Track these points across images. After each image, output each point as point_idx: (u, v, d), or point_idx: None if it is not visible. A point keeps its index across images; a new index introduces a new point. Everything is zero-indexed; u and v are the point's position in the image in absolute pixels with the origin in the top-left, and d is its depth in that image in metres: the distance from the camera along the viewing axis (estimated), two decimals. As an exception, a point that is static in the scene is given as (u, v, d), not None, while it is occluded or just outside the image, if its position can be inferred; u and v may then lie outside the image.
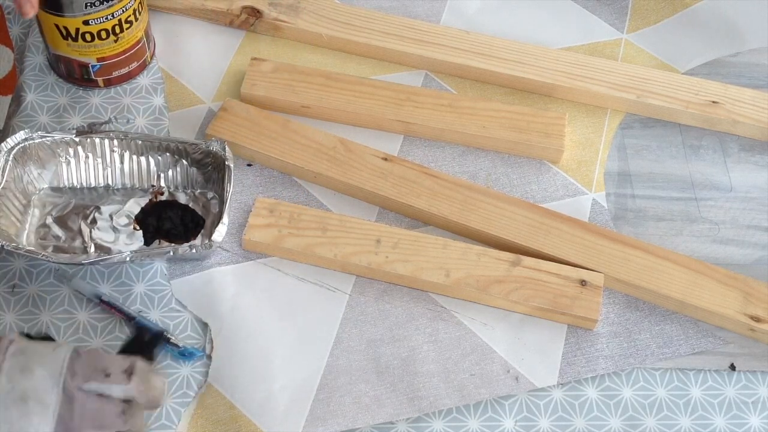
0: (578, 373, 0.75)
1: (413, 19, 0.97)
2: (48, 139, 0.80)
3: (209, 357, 0.74)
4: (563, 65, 0.93)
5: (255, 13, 0.95)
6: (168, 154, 0.82)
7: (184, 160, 0.82)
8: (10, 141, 0.79)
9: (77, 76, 0.89)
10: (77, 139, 0.81)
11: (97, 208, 0.81)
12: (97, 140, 0.81)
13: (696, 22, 1.00)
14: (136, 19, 0.86)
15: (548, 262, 0.79)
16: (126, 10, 0.84)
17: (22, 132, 0.79)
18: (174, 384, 0.73)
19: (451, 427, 0.73)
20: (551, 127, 0.88)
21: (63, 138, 0.80)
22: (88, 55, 0.86)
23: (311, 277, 0.80)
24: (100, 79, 0.89)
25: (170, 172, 0.83)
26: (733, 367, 0.77)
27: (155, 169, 0.83)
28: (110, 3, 0.82)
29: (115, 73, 0.89)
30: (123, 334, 0.76)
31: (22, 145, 0.79)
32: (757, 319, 0.77)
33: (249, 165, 0.86)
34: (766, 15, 1.00)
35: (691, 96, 0.91)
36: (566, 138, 0.88)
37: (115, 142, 0.81)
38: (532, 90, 0.93)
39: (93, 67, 0.87)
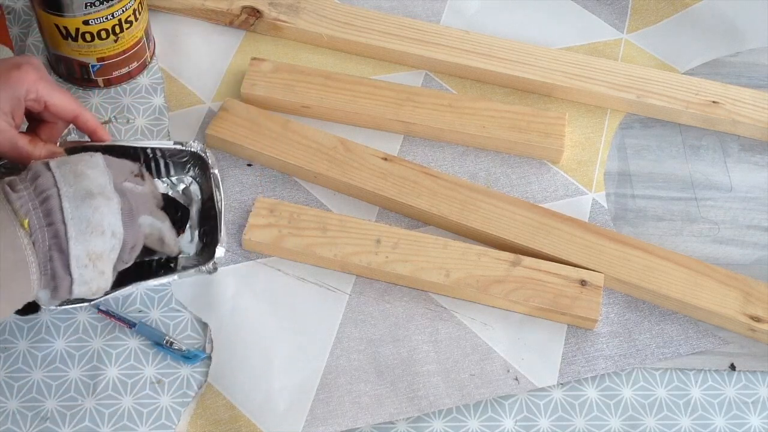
0: (578, 373, 0.75)
1: (413, 19, 0.97)
2: None
3: (209, 357, 0.75)
4: (563, 65, 0.93)
5: (255, 13, 0.95)
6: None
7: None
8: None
9: (77, 76, 0.88)
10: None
11: None
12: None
13: (696, 22, 1.00)
14: (136, 19, 0.86)
15: (548, 262, 0.79)
16: (126, 10, 0.84)
17: None
18: (174, 384, 0.74)
19: (451, 427, 0.73)
20: (551, 127, 0.88)
21: None
22: (88, 55, 0.86)
23: (311, 277, 0.80)
24: (100, 79, 0.89)
25: (167, 179, 0.82)
26: (733, 367, 0.77)
27: None
28: (110, 3, 0.82)
29: (115, 73, 0.89)
30: (123, 334, 0.76)
31: None
32: (757, 319, 0.77)
33: (249, 165, 0.86)
34: (766, 15, 1.00)
35: (691, 96, 0.91)
36: (566, 138, 0.88)
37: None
38: (532, 90, 0.93)
39: (93, 67, 0.87)
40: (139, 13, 0.86)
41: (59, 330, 0.76)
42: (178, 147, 0.79)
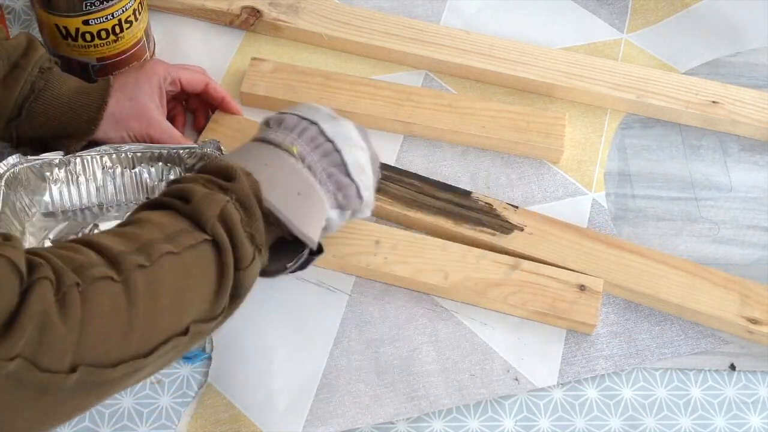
0: (578, 373, 0.75)
1: (413, 19, 0.97)
2: (36, 162, 0.77)
3: (209, 357, 0.75)
4: (563, 65, 0.93)
5: (255, 13, 0.96)
6: (161, 163, 0.81)
7: (177, 168, 0.81)
8: (3, 166, 0.76)
9: (77, 76, 0.88)
10: (66, 160, 0.78)
11: (96, 226, 0.79)
12: (88, 158, 0.79)
13: (696, 22, 0.99)
14: (136, 19, 0.86)
15: (547, 266, 0.78)
16: (126, 10, 0.84)
17: (11, 157, 0.77)
18: (174, 384, 0.74)
19: (451, 427, 0.73)
20: (551, 127, 0.88)
21: (52, 160, 0.78)
22: (88, 55, 0.86)
23: (311, 277, 0.80)
24: (100, 79, 0.89)
25: (164, 183, 0.82)
26: (733, 367, 0.77)
27: (148, 180, 0.81)
28: (110, 3, 0.82)
29: (116, 73, 0.88)
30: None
31: (12, 170, 0.76)
32: (754, 322, 0.76)
33: None
34: (766, 15, 1.00)
35: (691, 96, 0.91)
36: (566, 138, 0.88)
37: (105, 158, 0.79)
38: (532, 90, 0.93)
39: (93, 67, 0.87)
40: (139, 13, 0.86)
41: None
42: (192, 147, 0.80)
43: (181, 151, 0.80)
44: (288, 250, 0.67)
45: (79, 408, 0.55)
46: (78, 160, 0.79)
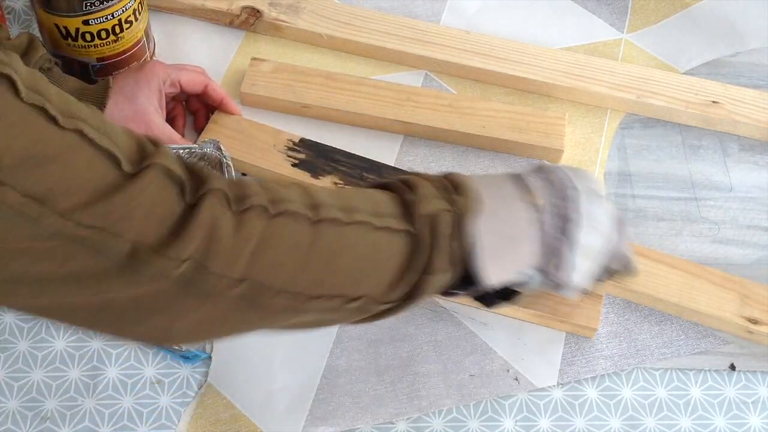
0: (578, 373, 0.75)
1: (413, 19, 0.97)
2: None
3: (209, 357, 0.75)
4: (563, 65, 0.93)
5: (255, 13, 0.96)
6: None
7: None
8: None
9: (77, 76, 0.88)
10: None
11: None
12: None
13: (696, 22, 1.00)
14: (136, 19, 0.86)
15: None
16: (126, 10, 0.84)
17: None
18: (174, 384, 0.74)
19: (451, 427, 0.73)
20: (551, 127, 0.88)
21: None
22: (88, 55, 0.86)
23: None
24: (100, 80, 0.89)
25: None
26: (733, 367, 0.77)
27: None
28: (110, 3, 0.82)
29: (115, 74, 0.89)
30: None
31: None
32: (754, 321, 0.76)
33: (243, 175, 0.86)
34: (766, 15, 1.00)
35: (691, 96, 0.91)
36: (566, 138, 0.88)
37: None
38: (531, 90, 0.93)
39: (93, 67, 0.87)
40: (139, 13, 0.86)
41: (59, 330, 0.76)
42: (192, 147, 0.80)
43: (181, 151, 0.80)
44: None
45: (238, 326, 0.56)
46: None
